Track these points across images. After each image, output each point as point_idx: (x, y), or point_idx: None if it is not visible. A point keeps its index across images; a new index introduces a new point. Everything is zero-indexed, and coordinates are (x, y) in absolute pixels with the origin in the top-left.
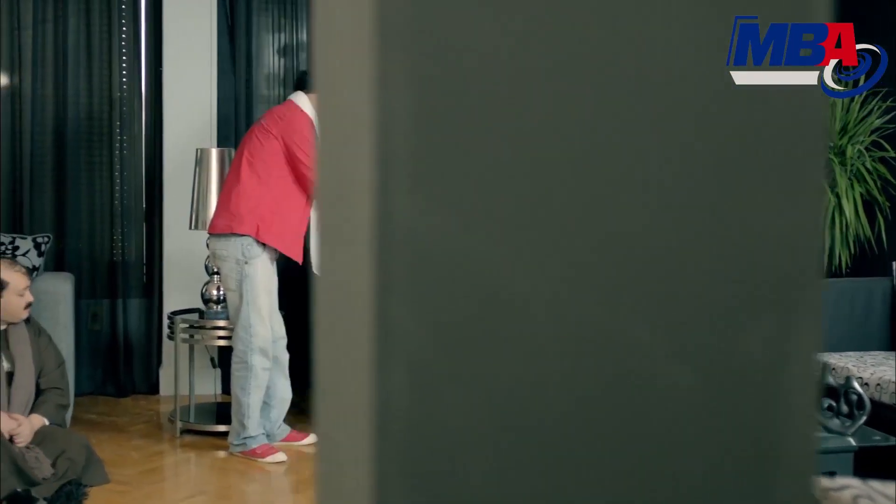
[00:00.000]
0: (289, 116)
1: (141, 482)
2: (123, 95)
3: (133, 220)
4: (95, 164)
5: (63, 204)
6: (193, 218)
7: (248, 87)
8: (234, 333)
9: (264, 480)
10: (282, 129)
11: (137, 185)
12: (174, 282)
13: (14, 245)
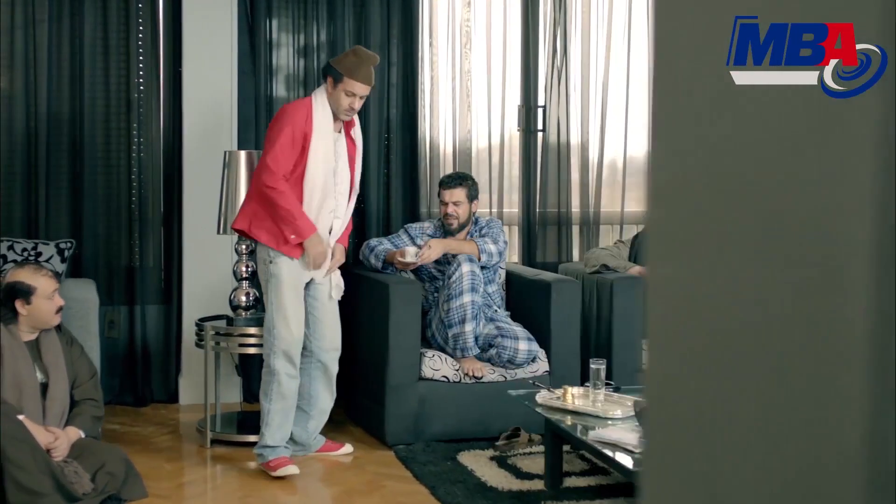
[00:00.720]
0: (283, 107)
1: (179, 496)
2: (141, 96)
3: (151, 224)
4: (112, 167)
5: (79, 207)
6: (221, 222)
7: (269, 87)
8: (263, 345)
9: (305, 491)
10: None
11: (156, 188)
12: (194, 287)
13: (37, 251)
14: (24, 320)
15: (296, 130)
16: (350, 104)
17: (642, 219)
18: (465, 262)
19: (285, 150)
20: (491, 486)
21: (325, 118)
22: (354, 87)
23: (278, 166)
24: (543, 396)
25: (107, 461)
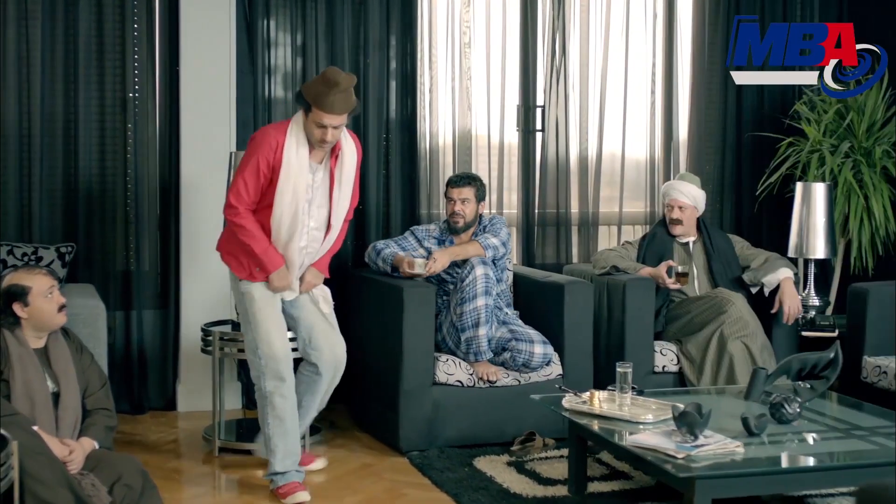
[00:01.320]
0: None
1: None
2: (136, 95)
3: (147, 228)
4: (108, 168)
5: (74, 210)
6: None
7: (267, 87)
8: (250, 368)
9: (325, 501)
10: None
11: (152, 190)
12: (193, 292)
13: (37, 255)
14: (26, 324)
15: (262, 162)
16: (322, 136)
17: (641, 220)
18: (479, 264)
19: (249, 183)
20: (515, 493)
21: (299, 149)
22: (322, 118)
23: (240, 200)
24: (569, 401)
25: (123, 473)
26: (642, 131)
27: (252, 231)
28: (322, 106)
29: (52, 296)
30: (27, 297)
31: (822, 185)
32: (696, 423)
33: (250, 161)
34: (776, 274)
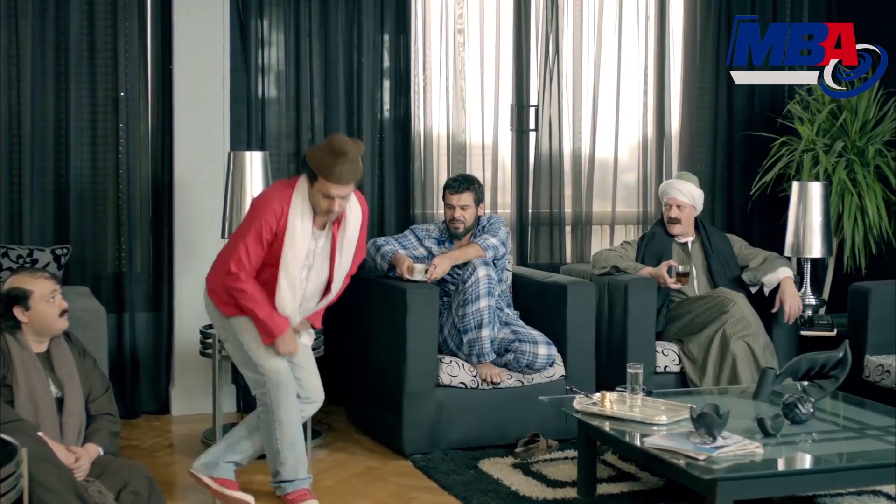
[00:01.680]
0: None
1: None
2: (128, 95)
3: (140, 229)
4: (99, 169)
5: (65, 211)
6: (227, 227)
7: (261, 86)
8: (247, 382)
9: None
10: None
11: (144, 190)
12: (187, 294)
13: (32, 257)
14: (27, 329)
15: (265, 229)
16: (328, 206)
17: (634, 220)
18: (481, 266)
19: (251, 250)
20: (524, 496)
21: (304, 219)
22: (330, 188)
23: (241, 267)
24: (580, 402)
25: (130, 480)
26: (635, 131)
27: (253, 295)
28: (329, 176)
29: (53, 300)
30: (28, 301)
31: (819, 184)
32: (715, 425)
33: (252, 227)
34: (776, 273)
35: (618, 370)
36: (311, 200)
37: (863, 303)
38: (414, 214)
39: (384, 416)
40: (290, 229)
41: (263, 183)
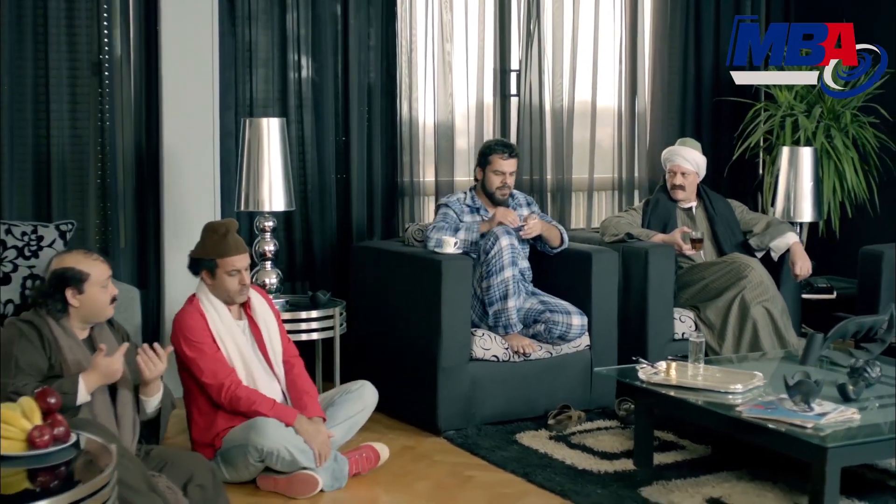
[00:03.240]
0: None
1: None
2: (108, 59)
3: (124, 201)
4: (82, 138)
5: (47, 184)
6: (243, 198)
7: (250, 50)
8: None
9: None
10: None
11: (128, 160)
12: (177, 270)
13: (37, 234)
14: (74, 313)
15: (200, 336)
16: (240, 280)
17: (609, 186)
18: (504, 235)
19: (209, 358)
20: (583, 469)
21: (221, 315)
22: (234, 262)
23: (216, 376)
24: (646, 372)
25: (195, 472)
26: (611, 97)
27: (249, 397)
28: (227, 252)
29: (107, 287)
30: (83, 285)
31: (809, 149)
32: (812, 392)
33: (193, 341)
34: (784, 238)
35: (636, 339)
36: (220, 291)
37: (875, 266)
38: (402, 182)
39: (416, 392)
40: (216, 329)
41: (282, 151)
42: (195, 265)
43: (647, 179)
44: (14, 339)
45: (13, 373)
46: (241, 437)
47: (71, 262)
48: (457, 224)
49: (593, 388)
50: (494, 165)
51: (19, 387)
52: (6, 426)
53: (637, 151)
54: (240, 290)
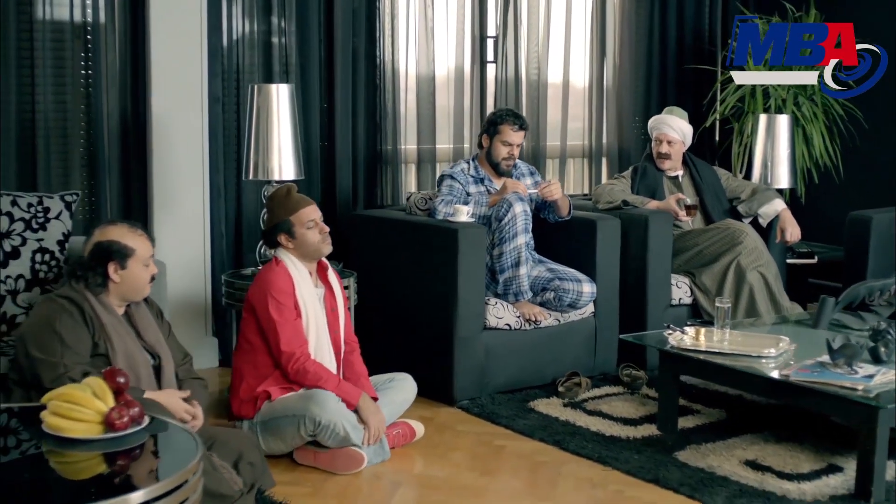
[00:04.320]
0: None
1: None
2: (93, 23)
3: (109, 172)
4: (68, 105)
5: (32, 152)
6: (252, 166)
7: (235, 20)
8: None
9: (431, 465)
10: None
11: (113, 129)
12: (167, 242)
13: (43, 206)
14: (114, 289)
15: (287, 301)
16: (320, 231)
17: (581, 153)
18: (517, 202)
19: (290, 325)
20: (611, 436)
21: (304, 277)
22: (310, 215)
23: (291, 344)
24: (676, 338)
25: (243, 450)
26: (581, 66)
27: (317, 373)
28: (298, 207)
29: (149, 265)
30: (127, 261)
31: (785, 117)
32: (856, 355)
33: (281, 303)
34: (772, 205)
35: (636, 305)
36: (304, 249)
37: (864, 231)
38: (384, 150)
39: (430, 363)
40: (300, 291)
41: (291, 118)
42: (271, 236)
43: (616, 146)
44: (56, 316)
45: (60, 351)
46: (296, 407)
47: (116, 236)
48: (463, 196)
49: (597, 355)
50: (504, 136)
51: (71, 368)
52: (80, 409)
53: (606, 119)
54: (323, 239)
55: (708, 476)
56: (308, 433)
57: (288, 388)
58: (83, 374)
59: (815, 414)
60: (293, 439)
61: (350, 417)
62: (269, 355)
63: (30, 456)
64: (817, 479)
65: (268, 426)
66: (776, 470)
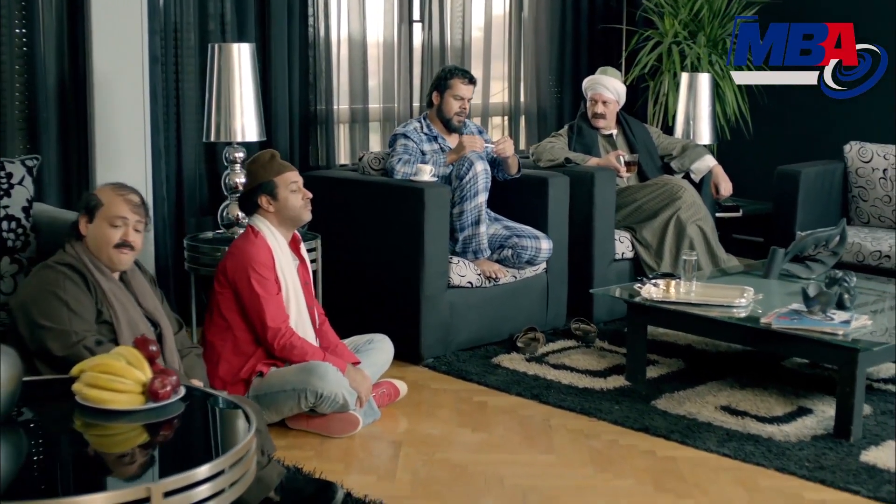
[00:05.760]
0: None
1: (300, 445)
2: None
3: (48, 136)
4: (4, 65)
5: None
6: (213, 128)
7: None
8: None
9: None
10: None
11: (50, 90)
12: None
13: (6, 171)
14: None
15: (265, 275)
16: (303, 196)
17: (500, 112)
18: (478, 160)
19: (273, 300)
20: (584, 388)
21: (283, 250)
22: (291, 177)
23: (277, 319)
24: (648, 291)
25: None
26: (500, 26)
27: (303, 347)
28: (283, 169)
29: (120, 227)
30: (95, 214)
31: (707, 75)
32: (830, 303)
33: (264, 278)
34: (704, 161)
35: (582, 260)
36: (286, 213)
37: (793, 184)
38: (318, 111)
39: (396, 322)
40: (279, 261)
41: (253, 78)
42: (251, 197)
43: (535, 106)
44: (58, 283)
45: (67, 319)
46: (295, 381)
47: (98, 191)
48: (418, 155)
49: (549, 310)
50: (455, 90)
51: (83, 336)
52: (120, 379)
53: (523, 77)
54: (304, 204)
55: (692, 422)
56: (308, 405)
57: (272, 363)
58: (97, 342)
59: (771, 360)
60: (290, 410)
61: (346, 385)
62: (249, 332)
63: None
64: (793, 420)
65: (262, 400)
66: (753, 414)
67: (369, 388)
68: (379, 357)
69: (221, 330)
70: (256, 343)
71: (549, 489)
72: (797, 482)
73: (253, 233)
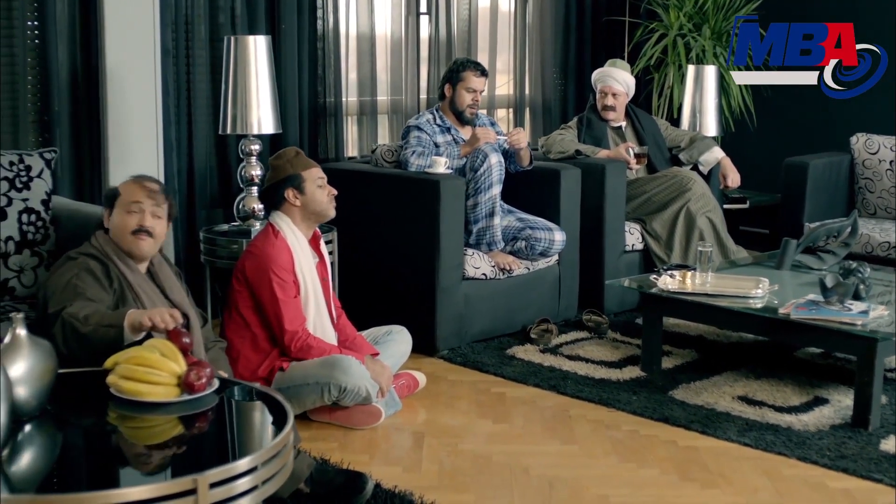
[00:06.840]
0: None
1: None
2: None
3: (60, 130)
4: (17, 58)
5: None
6: (230, 120)
7: None
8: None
9: (440, 417)
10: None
11: (62, 83)
12: None
13: (24, 164)
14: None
15: (288, 280)
16: (328, 191)
17: (506, 104)
18: (492, 152)
19: (291, 302)
20: (601, 379)
21: (304, 250)
22: (314, 173)
23: (294, 322)
24: (665, 282)
25: None
26: (506, 17)
27: (320, 347)
28: (310, 164)
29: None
30: (114, 201)
31: (713, 67)
32: (848, 293)
33: (284, 281)
34: (712, 153)
35: (593, 252)
36: (311, 208)
37: (801, 176)
38: (326, 103)
39: (411, 314)
40: (298, 263)
41: (269, 71)
42: (276, 191)
43: (541, 98)
44: (74, 270)
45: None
46: (318, 374)
47: (120, 184)
48: (432, 147)
49: (560, 302)
50: (468, 82)
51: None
52: (156, 371)
53: (528, 70)
54: (330, 200)
55: (710, 412)
56: (332, 399)
57: (290, 359)
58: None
59: (784, 350)
60: (313, 403)
61: (369, 377)
62: (266, 329)
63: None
64: (810, 410)
65: (284, 393)
66: (770, 404)
67: (390, 378)
68: (398, 348)
69: (240, 327)
70: (274, 342)
71: (575, 479)
72: (820, 471)
73: (273, 233)
